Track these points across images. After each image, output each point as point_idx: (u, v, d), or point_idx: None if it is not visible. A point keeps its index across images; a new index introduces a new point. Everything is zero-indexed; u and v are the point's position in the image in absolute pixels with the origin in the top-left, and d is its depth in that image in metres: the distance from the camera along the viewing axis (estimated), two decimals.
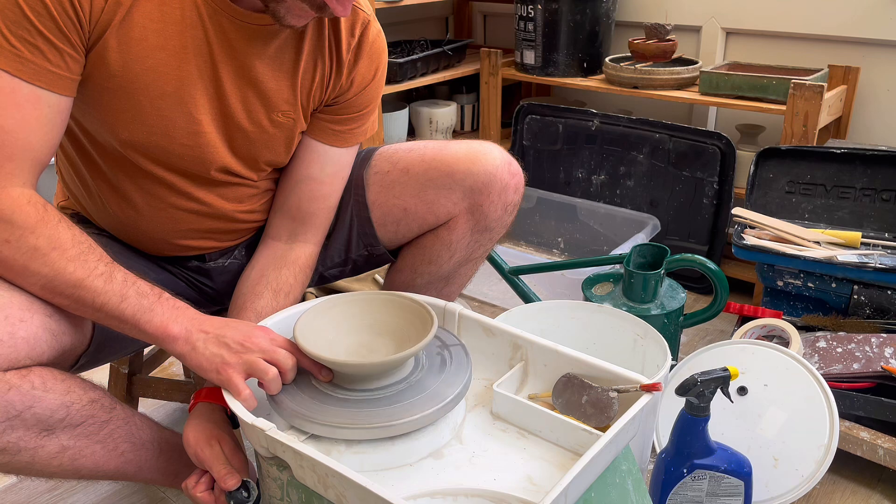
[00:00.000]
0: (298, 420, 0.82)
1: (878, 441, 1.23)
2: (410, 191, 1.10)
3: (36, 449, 0.85)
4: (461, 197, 1.08)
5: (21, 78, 0.80)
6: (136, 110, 0.91)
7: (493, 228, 1.12)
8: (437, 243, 1.12)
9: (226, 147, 0.99)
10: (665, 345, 1.13)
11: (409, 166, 1.11)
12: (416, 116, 2.36)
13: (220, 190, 1.04)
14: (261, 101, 0.97)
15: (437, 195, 1.09)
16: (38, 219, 0.83)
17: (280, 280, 1.06)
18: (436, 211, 1.10)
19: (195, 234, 1.07)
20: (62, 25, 0.81)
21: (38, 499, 1.31)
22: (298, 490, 0.79)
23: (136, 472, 0.99)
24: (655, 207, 1.99)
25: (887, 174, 1.54)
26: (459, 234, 1.11)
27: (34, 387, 0.83)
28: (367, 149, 1.19)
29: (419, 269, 1.15)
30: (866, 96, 1.86)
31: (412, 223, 1.12)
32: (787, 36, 1.96)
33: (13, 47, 0.79)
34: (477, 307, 1.93)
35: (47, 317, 0.85)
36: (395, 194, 1.12)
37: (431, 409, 0.82)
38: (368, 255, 1.17)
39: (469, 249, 1.14)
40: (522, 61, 2.19)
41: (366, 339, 0.92)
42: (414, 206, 1.10)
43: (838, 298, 1.46)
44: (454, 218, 1.10)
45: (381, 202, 1.13)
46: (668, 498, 1.08)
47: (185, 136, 0.95)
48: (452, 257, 1.14)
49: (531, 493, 0.78)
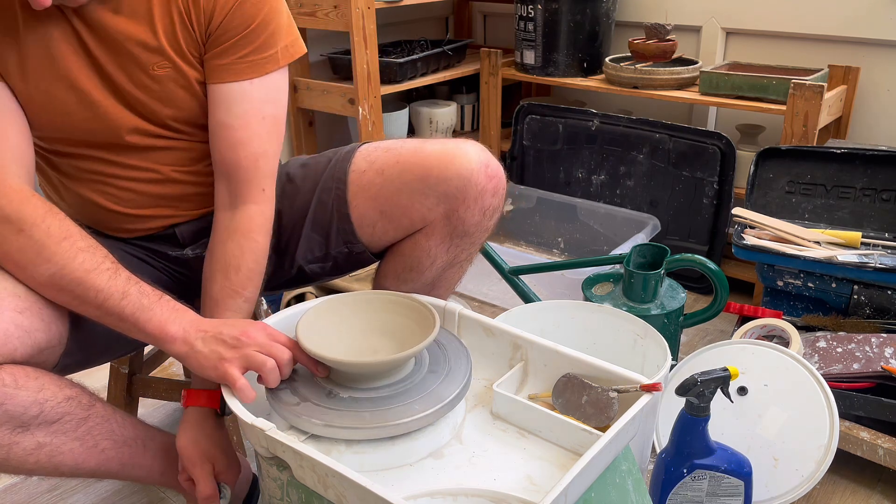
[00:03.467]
0: (298, 420, 0.82)
1: (878, 441, 1.23)
2: (385, 193, 1.07)
3: (10, 445, 0.85)
4: (436, 202, 1.03)
5: None
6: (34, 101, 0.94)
7: (473, 234, 1.08)
8: (417, 250, 1.09)
9: (125, 110, 0.99)
10: (665, 345, 1.13)
11: (385, 168, 1.07)
12: (416, 116, 2.36)
13: (151, 154, 1.04)
14: (131, 58, 0.96)
15: (410, 200, 1.04)
16: (47, 210, 0.86)
17: (227, 255, 1.01)
18: (411, 216, 1.06)
19: (152, 203, 1.07)
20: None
21: (38, 499, 1.31)
22: (298, 490, 0.79)
23: (119, 469, 0.98)
24: (655, 207, 1.99)
25: (887, 174, 1.54)
26: (437, 241, 1.07)
27: (5, 384, 0.83)
28: (353, 144, 1.16)
29: (402, 275, 1.12)
30: (866, 96, 1.86)
31: (388, 226, 1.09)
32: (787, 36, 1.96)
33: None
34: (477, 307, 1.93)
35: (17, 313, 0.85)
36: (371, 196, 1.08)
37: (431, 409, 0.82)
38: (349, 253, 1.13)
39: (451, 255, 1.10)
40: (522, 61, 2.19)
41: (367, 339, 0.92)
42: (389, 210, 1.07)
43: (838, 298, 1.46)
44: (430, 224, 1.06)
45: (358, 202, 1.10)
46: (668, 498, 1.08)
47: (82, 110, 0.96)
48: (434, 263, 1.10)
49: (531, 493, 0.78)
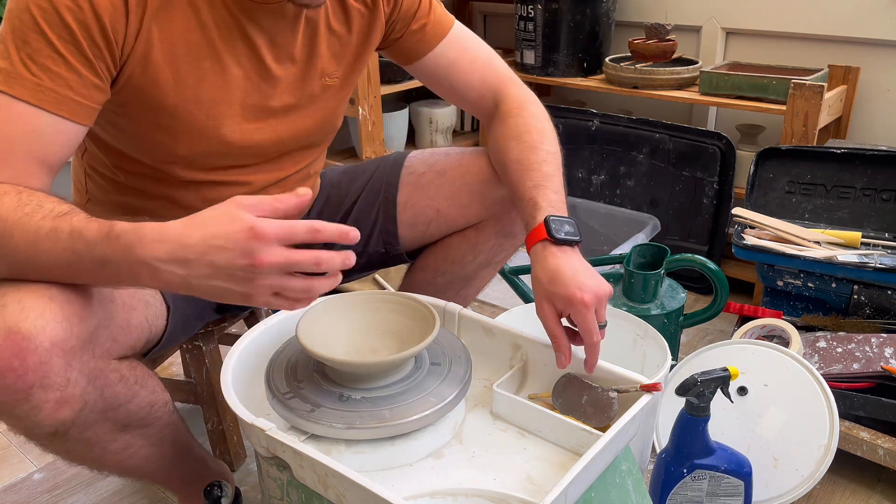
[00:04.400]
0: (298, 420, 0.82)
1: (878, 441, 1.23)
2: (445, 192, 1.12)
3: (109, 442, 0.86)
4: (493, 203, 1.10)
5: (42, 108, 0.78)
6: (197, 125, 0.91)
7: (517, 235, 1.14)
8: (464, 243, 1.14)
9: None
10: (665, 345, 1.13)
11: (447, 169, 1.13)
12: (416, 116, 2.36)
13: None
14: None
15: (470, 199, 1.10)
16: None
17: (510, 130, 1.05)
18: (467, 215, 1.12)
19: None
20: (88, 52, 0.79)
21: (38, 499, 1.31)
22: (298, 490, 0.79)
23: (154, 471, 0.99)
24: (655, 207, 1.99)
25: (887, 174, 1.54)
26: (486, 237, 1.13)
27: (136, 380, 0.83)
28: (399, 152, 1.20)
29: (441, 267, 1.16)
30: (866, 96, 1.86)
31: (442, 225, 1.13)
32: (787, 36, 1.96)
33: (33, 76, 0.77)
34: (477, 307, 1.93)
35: (146, 305, 0.85)
36: (429, 195, 1.13)
37: (431, 409, 0.82)
38: (385, 254, 1.18)
39: (492, 253, 1.15)
40: (522, 61, 2.19)
41: (368, 339, 0.92)
42: (447, 209, 1.12)
43: (838, 298, 1.46)
44: (483, 221, 1.12)
45: (412, 202, 1.14)
46: (668, 498, 1.08)
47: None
48: (476, 258, 1.15)
49: (531, 493, 0.78)
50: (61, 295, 0.73)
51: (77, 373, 0.75)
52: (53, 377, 0.73)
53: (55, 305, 0.72)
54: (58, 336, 0.72)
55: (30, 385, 0.71)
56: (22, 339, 0.70)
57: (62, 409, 0.75)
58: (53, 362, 0.72)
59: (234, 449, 1.31)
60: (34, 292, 0.72)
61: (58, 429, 0.77)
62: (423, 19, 1.07)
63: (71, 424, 0.78)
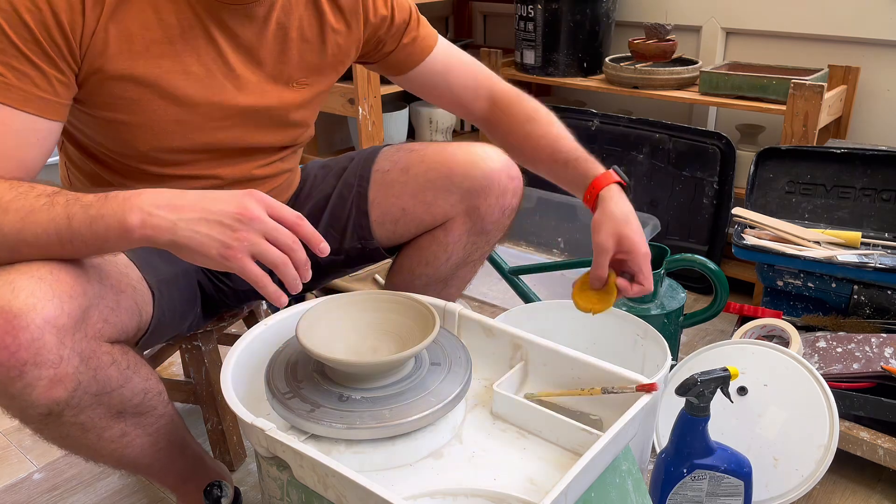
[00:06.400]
0: (298, 420, 0.82)
1: (878, 441, 1.23)
2: (409, 190, 1.11)
3: (104, 429, 0.86)
4: (459, 199, 1.08)
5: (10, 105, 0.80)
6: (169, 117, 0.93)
7: (490, 231, 1.12)
8: (434, 244, 1.12)
9: None
10: (665, 345, 1.13)
11: (409, 166, 1.12)
12: (416, 116, 2.36)
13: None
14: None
15: (435, 196, 1.09)
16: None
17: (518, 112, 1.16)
18: (433, 212, 1.10)
19: None
20: (49, 50, 0.82)
21: (38, 499, 1.31)
22: (298, 490, 0.79)
23: (157, 470, 0.99)
24: (655, 207, 1.99)
25: (887, 174, 1.54)
26: (456, 236, 1.11)
27: (129, 366, 0.83)
28: (375, 146, 1.20)
29: (416, 270, 1.15)
30: (866, 96, 1.86)
31: (409, 223, 1.12)
32: (787, 36, 1.96)
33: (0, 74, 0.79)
34: (477, 307, 1.93)
35: (133, 290, 0.85)
36: (394, 193, 1.12)
37: (431, 409, 0.82)
38: (362, 249, 1.17)
39: (466, 252, 1.14)
40: (522, 61, 2.20)
41: (367, 339, 0.92)
42: (412, 207, 1.11)
43: (838, 298, 1.46)
44: (451, 220, 1.10)
45: (380, 200, 1.13)
46: (668, 498, 1.08)
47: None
48: (449, 259, 1.14)
49: (531, 493, 0.78)
50: (51, 275, 0.75)
51: (70, 351, 0.76)
52: (46, 354, 0.74)
53: (45, 284, 0.74)
54: (49, 314, 0.73)
55: (23, 362, 0.72)
56: (14, 317, 0.71)
57: (56, 387, 0.76)
58: (46, 339, 0.73)
59: (233, 449, 1.31)
60: (24, 272, 0.74)
61: (52, 409, 0.78)
62: (414, 32, 1.13)
63: (65, 405, 0.79)
